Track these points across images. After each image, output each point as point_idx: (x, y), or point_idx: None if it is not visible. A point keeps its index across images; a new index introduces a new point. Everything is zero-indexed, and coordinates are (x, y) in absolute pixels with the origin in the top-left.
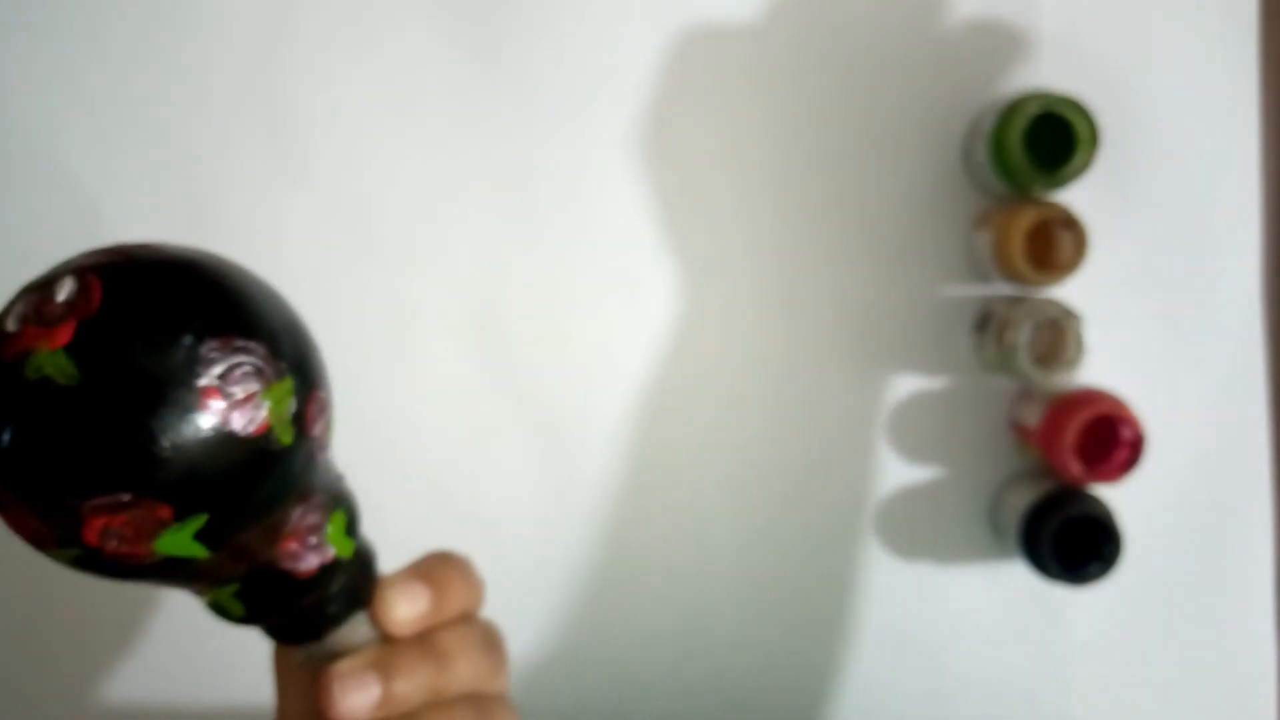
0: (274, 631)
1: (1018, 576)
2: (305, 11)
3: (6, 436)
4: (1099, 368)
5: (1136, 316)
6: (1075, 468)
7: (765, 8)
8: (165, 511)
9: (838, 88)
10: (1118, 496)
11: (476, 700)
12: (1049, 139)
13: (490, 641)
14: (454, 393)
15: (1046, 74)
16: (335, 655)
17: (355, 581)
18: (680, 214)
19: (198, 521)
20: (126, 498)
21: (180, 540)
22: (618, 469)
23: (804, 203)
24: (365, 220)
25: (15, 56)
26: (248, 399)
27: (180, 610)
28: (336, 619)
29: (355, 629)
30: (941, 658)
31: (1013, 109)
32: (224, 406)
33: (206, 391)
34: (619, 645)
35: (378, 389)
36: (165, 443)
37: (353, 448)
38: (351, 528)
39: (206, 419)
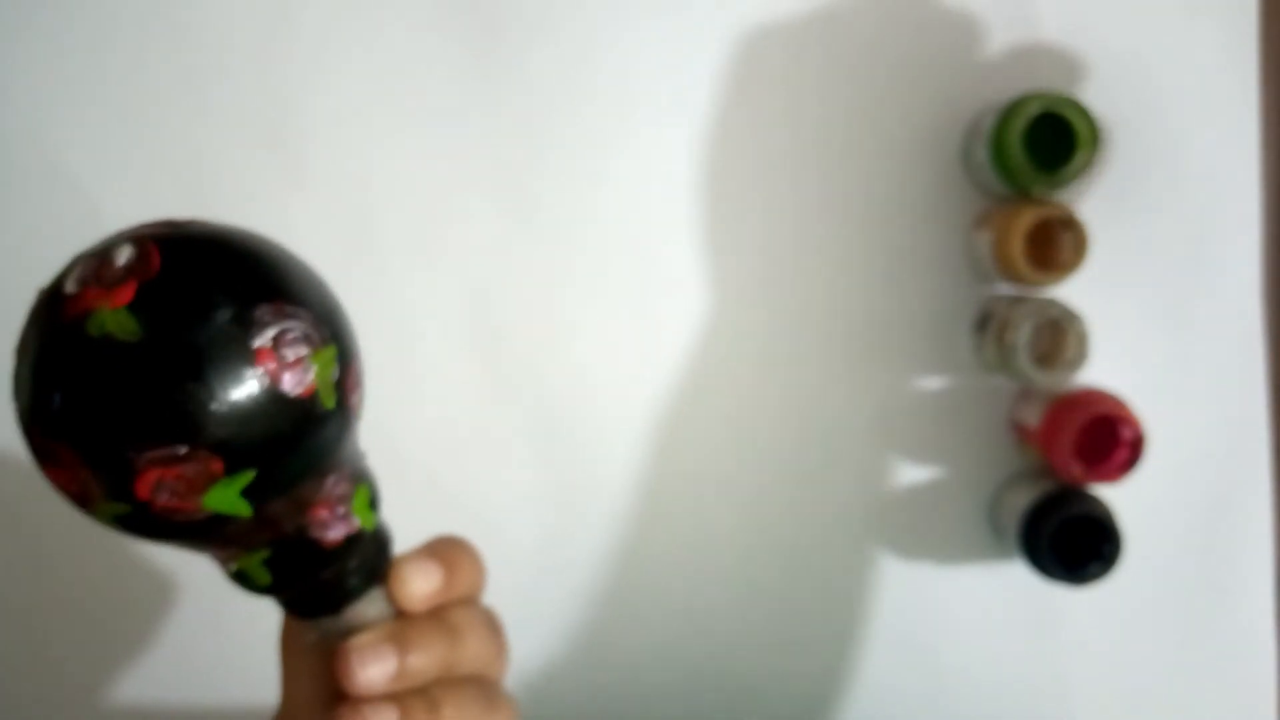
0: (294, 603)
1: (1017, 576)
2: (305, 12)
3: (66, 390)
4: (1099, 368)
5: (1136, 316)
6: (1075, 468)
7: (765, 10)
8: (217, 465)
9: (838, 88)
10: (1117, 496)
11: (482, 682)
12: (1049, 139)
13: (494, 625)
14: (453, 393)
15: (1047, 74)
16: (348, 632)
17: (374, 556)
18: (680, 215)
19: (246, 477)
20: (183, 450)
21: (228, 496)
22: (618, 469)
23: (804, 203)
24: (365, 220)
25: (16, 57)
26: (297, 362)
27: (180, 616)
28: (355, 593)
29: (370, 605)
30: (941, 657)
31: (1013, 109)
32: (275, 367)
33: (260, 353)
34: (619, 644)
35: (377, 389)
36: (222, 398)
37: None
38: (374, 501)
39: (260, 378)
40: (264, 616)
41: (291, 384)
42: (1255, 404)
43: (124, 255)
